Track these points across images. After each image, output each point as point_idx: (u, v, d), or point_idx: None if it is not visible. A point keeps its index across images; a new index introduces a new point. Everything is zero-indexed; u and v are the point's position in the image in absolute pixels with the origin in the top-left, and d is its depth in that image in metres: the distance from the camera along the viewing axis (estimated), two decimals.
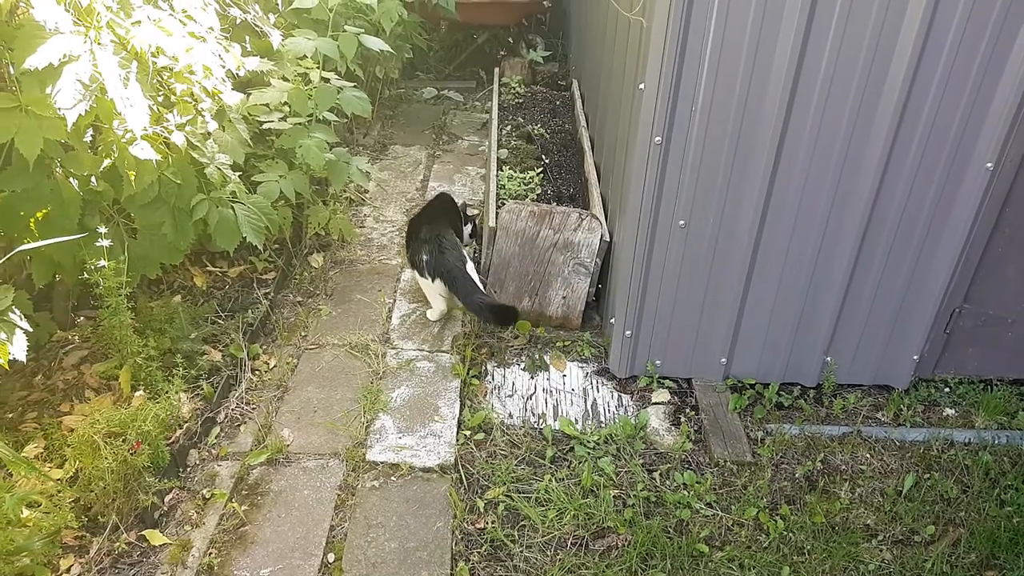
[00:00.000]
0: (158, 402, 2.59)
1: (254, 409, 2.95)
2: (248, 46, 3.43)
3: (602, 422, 2.99)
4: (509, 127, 4.71)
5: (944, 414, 3.12)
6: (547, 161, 4.24)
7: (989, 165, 2.64)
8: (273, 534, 2.45)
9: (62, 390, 2.83)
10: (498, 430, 2.91)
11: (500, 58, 6.22)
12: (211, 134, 2.90)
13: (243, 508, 2.52)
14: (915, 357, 3.09)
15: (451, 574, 2.35)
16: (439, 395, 3.06)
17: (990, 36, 2.44)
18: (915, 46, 2.44)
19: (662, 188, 2.73)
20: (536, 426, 2.95)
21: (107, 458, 2.30)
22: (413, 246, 3.43)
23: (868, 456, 2.87)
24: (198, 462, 2.71)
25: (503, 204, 3.37)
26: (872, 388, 3.21)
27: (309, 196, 3.64)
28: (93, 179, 2.56)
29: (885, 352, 3.09)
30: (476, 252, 3.58)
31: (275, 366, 3.18)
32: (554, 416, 3.01)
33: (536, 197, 3.80)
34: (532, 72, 6.04)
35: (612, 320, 3.14)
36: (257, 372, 3.13)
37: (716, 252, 2.87)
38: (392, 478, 2.68)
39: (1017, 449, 2.92)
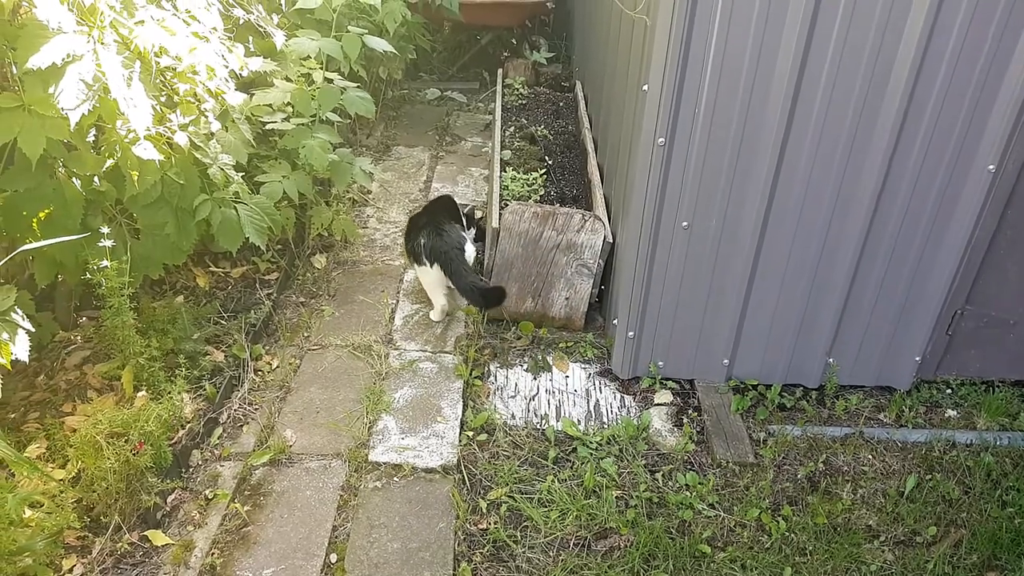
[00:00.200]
0: (161, 402, 2.60)
1: (257, 409, 2.95)
2: (251, 46, 3.44)
3: (605, 423, 2.99)
4: (512, 128, 4.70)
5: (946, 415, 3.12)
6: (550, 162, 4.24)
7: (991, 167, 2.64)
8: (276, 534, 2.45)
9: (64, 390, 2.83)
10: (501, 431, 2.91)
11: (503, 59, 6.22)
12: (214, 134, 2.90)
13: (246, 508, 2.52)
14: (917, 358, 3.09)
15: (454, 574, 2.35)
16: (442, 396, 3.06)
17: (993, 38, 2.44)
18: (918, 48, 2.44)
19: (665, 189, 2.73)
20: (539, 427, 2.95)
21: (109, 458, 2.30)
22: (412, 235, 3.44)
23: (870, 457, 2.87)
24: (200, 462, 2.71)
25: (506, 205, 3.37)
26: (874, 389, 3.20)
27: (312, 197, 3.65)
28: (96, 179, 2.56)
29: (887, 353, 3.09)
30: (480, 254, 3.58)
31: (278, 367, 3.18)
32: (557, 417, 3.01)
33: (539, 198, 3.80)
34: (536, 73, 6.04)
35: (615, 321, 3.14)
36: (260, 373, 3.13)
37: (719, 253, 2.87)
38: (395, 479, 2.68)
39: (1019, 450, 2.91)
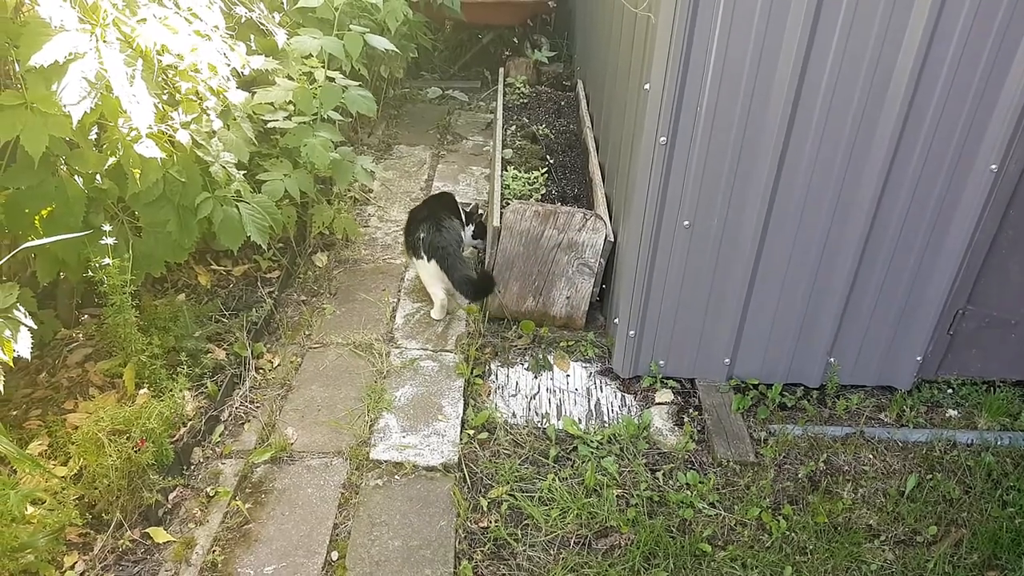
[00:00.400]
0: (162, 400, 2.60)
1: (258, 407, 2.95)
2: (253, 45, 3.44)
3: (605, 422, 3.00)
4: (514, 127, 4.70)
5: (947, 415, 3.12)
6: (551, 161, 4.23)
7: (993, 167, 2.64)
8: (277, 532, 2.45)
9: (66, 388, 2.84)
10: (502, 429, 2.91)
11: (505, 58, 6.22)
12: (216, 132, 2.90)
13: (247, 506, 2.53)
14: (918, 358, 3.09)
15: (454, 572, 2.36)
16: (443, 394, 3.06)
17: (994, 39, 2.44)
18: (919, 50, 2.44)
19: (666, 189, 2.73)
20: (540, 425, 2.96)
21: (111, 456, 2.30)
22: (411, 228, 3.45)
23: (871, 457, 2.87)
24: (202, 460, 2.71)
25: (507, 204, 3.37)
26: (875, 389, 3.21)
27: (313, 195, 3.65)
28: (98, 177, 2.57)
29: (888, 353, 3.09)
30: (480, 252, 3.58)
31: (279, 365, 3.18)
32: (558, 416, 3.01)
33: (540, 197, 3.80)
34: (537, 72, 6.03)
35: (616, 320, 3.14)
36: (261, 371, 3.13)
37: (720, 253, 2.87)
38: (396, 477, 2.68)
39: (1019, 450, 2.91)
